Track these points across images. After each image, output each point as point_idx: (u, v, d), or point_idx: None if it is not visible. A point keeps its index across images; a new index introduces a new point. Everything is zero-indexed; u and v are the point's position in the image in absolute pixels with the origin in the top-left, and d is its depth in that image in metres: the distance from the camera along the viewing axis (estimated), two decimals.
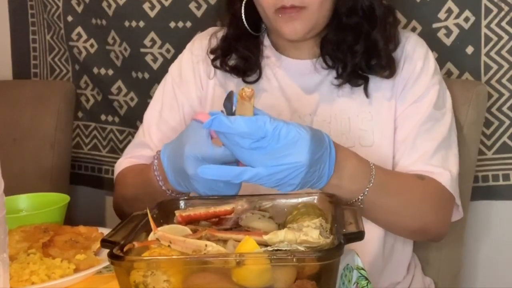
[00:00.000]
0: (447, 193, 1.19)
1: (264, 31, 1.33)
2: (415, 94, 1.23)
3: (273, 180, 0.93)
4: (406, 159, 1.21)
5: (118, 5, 1.89)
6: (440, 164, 1.19)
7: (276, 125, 0.91)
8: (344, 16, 1.22)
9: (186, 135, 1.02)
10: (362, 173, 1.07)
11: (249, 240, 0.82)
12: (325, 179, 1.00)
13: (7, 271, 0.76)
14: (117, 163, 1.35)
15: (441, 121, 1.23)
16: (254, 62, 1.29)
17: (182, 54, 1.39)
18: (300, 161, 0.93)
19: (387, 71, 1.23)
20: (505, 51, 1.53)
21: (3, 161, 0.82)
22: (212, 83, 1.32)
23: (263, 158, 0.92)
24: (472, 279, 1.67)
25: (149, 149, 1.33)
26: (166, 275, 0.80)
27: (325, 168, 0.99)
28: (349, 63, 1.22)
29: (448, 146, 1.22)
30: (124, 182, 1.30)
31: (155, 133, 1.34)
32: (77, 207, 2.05)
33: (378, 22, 1.22)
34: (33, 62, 2.16)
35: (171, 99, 1.35)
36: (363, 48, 1.22)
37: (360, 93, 1.24)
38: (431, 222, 1.19)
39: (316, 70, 1.26)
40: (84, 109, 2.10)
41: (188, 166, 0.99)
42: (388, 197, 1.12)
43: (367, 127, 1.22)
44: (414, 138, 1.21)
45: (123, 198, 1.28)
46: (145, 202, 1.16)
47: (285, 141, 0.91)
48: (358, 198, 1.07)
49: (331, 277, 0.81)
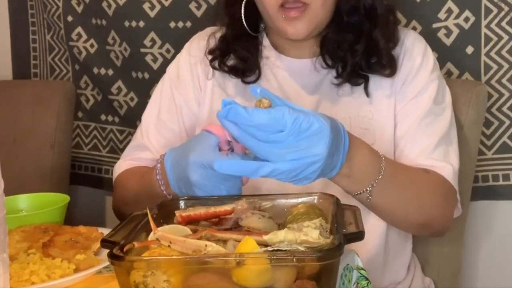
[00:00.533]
0: (450, 186, 1.19)
1: (262, 31, 1.32)
2: (415, 90, 1.23)
3: (291, 175, 0.91)
4: (408, 154, 1.21)
5: (118, 5, 1.89)
6: (442, 158, 1.19)
7: (296, 117, 0.88)
8: (345, 15, 1.22)
9: (194, 143, 1.02)
10: (372, 164, 1.05)
11: (249, 240, 0.82)
12: (337, 168, 0.98)
13: (7, 271, 0.76)
14: (116, 165, 1.35)
15: (441, 116, 1.23)
16: (253, 63, 1.28)
17: (180, 54, 1.38)
18: (320, 154, 0.90)
19: (387, 70, 1.23)
20: (505, 51, 1.53)
21: (3, 161, 0.82)
22: (210, 84, 1.32)
23: (281, 152, 0.89)
24: (472, 279, 1.67)
25: (148, 152, 1.32)
26: (166, 275, 0.80)
27: (339, 158, 0.97)
28: (349, 62, 1.22)
29: (448, 141, 1.22)
30: (124, 184, 1.30)
31: (153, 135, 1.33)
32: (77, 207, 2.06)
33: (379, 21, 1.22)
34: (33, 62, 2.16)
35: (169, 100, 1.34)
36: (364, 47, 1.22)
37: (361, 92, 1.24)
38: (436, 215, 1.18)
39: (316, 69, 1.26)
40: (84, 109, 2.10)
41: (192, 172, 0.99)
42: (396, 189, 1.11)
43: (368, 126, 1.22)
44: (414, 133, 1.21)
45: (124, 200, 1.28)
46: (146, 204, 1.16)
47: (305, 134, 0.89)
48: (367, 189, 1.06)
49: (331, 277, 0.81)
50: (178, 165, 1.03)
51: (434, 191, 1.17)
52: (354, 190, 1.06)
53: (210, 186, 1.00)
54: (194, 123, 1.33)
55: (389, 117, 1.23)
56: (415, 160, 1.19)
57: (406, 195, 1.13)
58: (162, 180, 1.10)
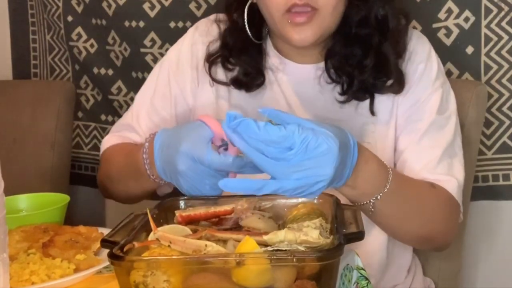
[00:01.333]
0: (454, 201, 1.16)
1: (266, 36, 1.27)
2: (417, 100, 1.19)
3: (295, 192, 0.90)
4: (411, 168, 1.17)
5: (118, 5, 1.89)
6: (446, 172, 1.16)
7: (305, 137, 0.87)
8: (354, 26, 1.17)
9: (187, 131, 1.00)
10: (379, 178, 1.03)
11: (249, 240, 0.82)
12: (343, 181, 0.97)
13: (7, 271, 0.76)
14: (104, 139, 1.33)
15: (445, 127, 1.19)
16: (257, 75, 1.23)
17: (182, 42, 1.33)
18: (326, 175, 0.89)
19: (395, 87, 1.18)
20: (505, 51, 1.53)
21: (3, 161, 0.82)
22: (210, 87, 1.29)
23: (287, 171, 0.88)
24: (472, 279, 1.67)
25: (136, 134, 1.30)
26: (166, 275, 0.80)
27: (346, 171, 0.96)
28: (356, 78, 1.17)
29: (453, 153, 1.19)
30: (110, 159, 1.28)
31: (144, 120, 1.31)
32: (77, 207, 2.05)
33: (390, 34, 1.17)
34: (33, 62, 2.16)
35: (164, 87, 1.31)
36: (373, 62, 1.16)
37: (364, 104, 1.20)
38: (439, 231, 1.16)
39: (319, 82, 1.22)
40: (84, 109, 2.10)
41: (180, 162, 0.98)
42: (399, 204, 1.09)
43: (370, 139, 1.18)
44: (417, 146, 1.17)
45: (108, 176, 1.26)
46: (128, 183, 1.16)
47: (313, 153, 0.88)
48: (370, 200, 1.04)
49: (331, 277, 0.81)
50: (167, 149, 1.02)
51: (438, 206, 1.14)
52: (357, 201, 1.04)
53: (196, 178, 0.99)
54: (188, 114, 1.30)
55: (390, 130, 1.20)
56: (418, 175, 1.15)
57: (409, 209, 1.11)
58: (148, 159, 1.09)
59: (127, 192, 1.23)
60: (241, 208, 0.96)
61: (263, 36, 1.27)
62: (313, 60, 1.23)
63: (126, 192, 1.23)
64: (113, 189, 1.26)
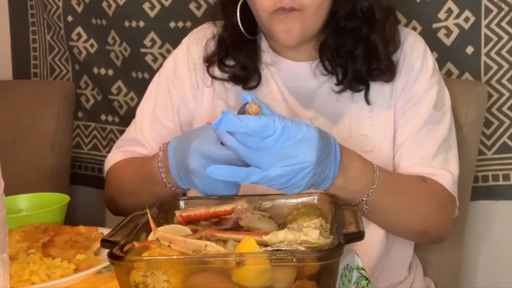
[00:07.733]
0: (449, 194, 1.18)
1: (260, 33, 1.30)
2: (414, 96, 1.22)
3: (280, 181, 0.93)
4: (406, 161, 1.20)
5: (118, 5, 1.89)
6: (441, 166, 1.19)
7: (285, 124, 0.91)
8: (342, 20, 1.20)
9: (198, 132, 1.03)
10: (366, 174, 1.06)
11: (249, 240, 0.83)
12: (330, 180, 1.00)
13: (7, 271, 0.76)
14: (109, 156, 1.33)
15: (441, 123, 1.22)
16: (253, 70, 1.26)
17: (178, 49, 1.36)
18: (308, 160, 0.93)
19: (387, 75, 1.21)
20: (505, 51, 1.53)
21: (3, 161, 0.82)
22: (209, 82, 1.30)
23: (270, 159, 0.91)
24: (472, 279, 1.67)
25: (142, 148, 1.31)
26: (166, 275, 0.80)
27: (330, 169, 0.99)
28: (350, 68, 1.21)
29: (448, 147, 1.22)
30: (119, 175, 1.28)
31: (147, 131, 1.32)
32: (77, 207, 2.05)
33: (377, 24, 1.20)
34: (33, 62, 2.16)
35: (164, 96, 1.32)
36: (363, 52, 1.20)
37: (361, 97, 1.22)
38: (434, 224, 1.18)
39: (315, 75, 1.25)
40: (84, 109, 2.10)
41: (192, 160, 0.99)
42: (392, 198, 1.11)
43: (368, 132, 1.21)
44: (414, 140, 1.20)
45: (118, 191, 1.26)
46: (142, 195, 1.16)
47: (293, 140, 0.92)
48: (362, 199, 1.06)
49: (331, 277, 0.81)
50: (180, 152, 1.04)
51: (430, 200, 1.17)
52: (350, 201, 1.05)
53: (208, 176, 0.99)
54: (191, 120, 1.31)
55: (389, 123, 1.22)
56: (414, 168, 1.19)
57: (402, 204, 1.14)
58: (163, 167, 1.10)
59: (139, 205, 1.22)
60: (241, 208, 0.96)
61: (258, 33, 1.30)
62: (308, 56, 1.26)
63: (139, 205, 1.23)
64: (125, 204, 1.25)
